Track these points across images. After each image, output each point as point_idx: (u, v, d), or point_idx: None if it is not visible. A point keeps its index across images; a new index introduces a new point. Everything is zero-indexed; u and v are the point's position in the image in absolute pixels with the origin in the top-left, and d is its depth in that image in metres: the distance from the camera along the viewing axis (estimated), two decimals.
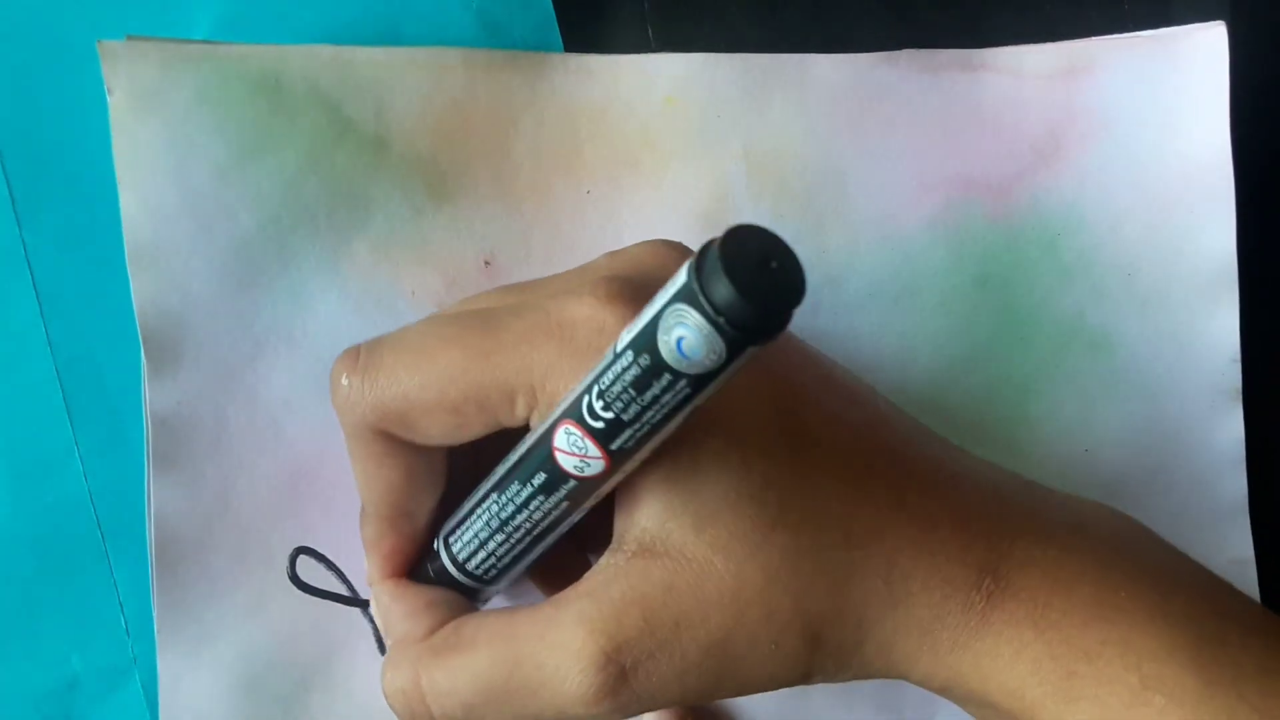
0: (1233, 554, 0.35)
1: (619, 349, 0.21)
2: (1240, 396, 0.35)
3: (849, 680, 0.26)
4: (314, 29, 0.33)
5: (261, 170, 0.32)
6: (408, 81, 0.32)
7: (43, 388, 0.32)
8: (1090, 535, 0.27)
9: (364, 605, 0.33)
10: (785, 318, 0.20)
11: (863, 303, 0.34)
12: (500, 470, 0.26)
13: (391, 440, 0.27)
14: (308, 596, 0.32)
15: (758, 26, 0.34)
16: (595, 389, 0.22)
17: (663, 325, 0.20)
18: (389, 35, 0.33)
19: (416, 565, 0.29)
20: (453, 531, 0.28)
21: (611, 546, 0.25)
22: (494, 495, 0.26)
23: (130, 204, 0.31)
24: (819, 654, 0.25)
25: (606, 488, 0.24)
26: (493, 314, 0.26)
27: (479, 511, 0.26)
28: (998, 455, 0.31)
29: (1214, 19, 0.34)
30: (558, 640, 0.24)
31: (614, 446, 0.23)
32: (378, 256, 0.32)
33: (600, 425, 0.22)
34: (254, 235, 0.32)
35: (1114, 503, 0.29)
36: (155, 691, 0.32)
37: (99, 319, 0.32)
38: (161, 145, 0.31)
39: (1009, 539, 0.26)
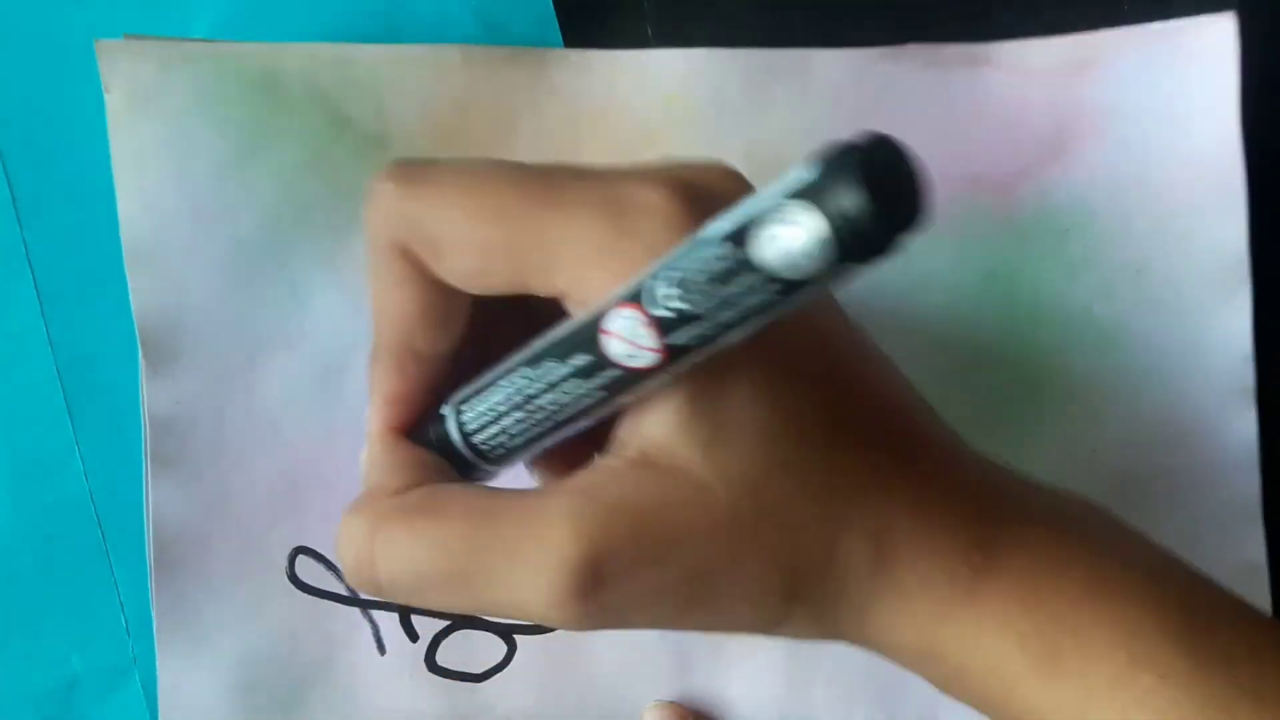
0: (1245, 557, 0.34)
1: (706, 236, 0.20)
2: (1253, 395, 0.34)
3: (817, 639, 0.26)
4: (313, 27, 0.33)
5: (260, 169, 0.32)
6: (407, 79, 0.32)
7: (43, 388, 0.32)
8: (1083, 524, 0.26)
9: (364, 605, 0.33)
10: (903, 242, 0.19)
11: (867, 300, 0.34)
12: (537, 345, 0.24)
13: (413, 266, 0.25)
14: (307, 596, 0.32)
15: (759, 21, 0.34)
16: (668, 275, 0.21)
17: (767, 220, 0.19)
18: (388, 33, 0.33)
19: (417, 427, 0.27)
20: (468, 399, 0.26)
21: (612, 448, 0.24)
22: (524, 369, 0.24)
23: (128, 203, 0.31)
24: (795, 603, 0.24)
25: (646, 388, 0.23)
26: (559, 173, 0.24)
27: (502, 383, 0.25)
28: (1004, 454, 0.30)
29: (1220, 10, 0.33)
30: (538, 531, 0.23)
31: (675, 342, 0.21)
32: None
33: (664, 314, 0.21)
34: (253, 234, 0.32)
35: (1123, 504, 0.28)
36: (155, 691, 0.32)
37: (99, 319, 0.32)
38: (159, 144, 0.31)
39: (1002, 520, 0.25)
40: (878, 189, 0.18)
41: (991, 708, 0.26)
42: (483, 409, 0.25)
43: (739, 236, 0.20)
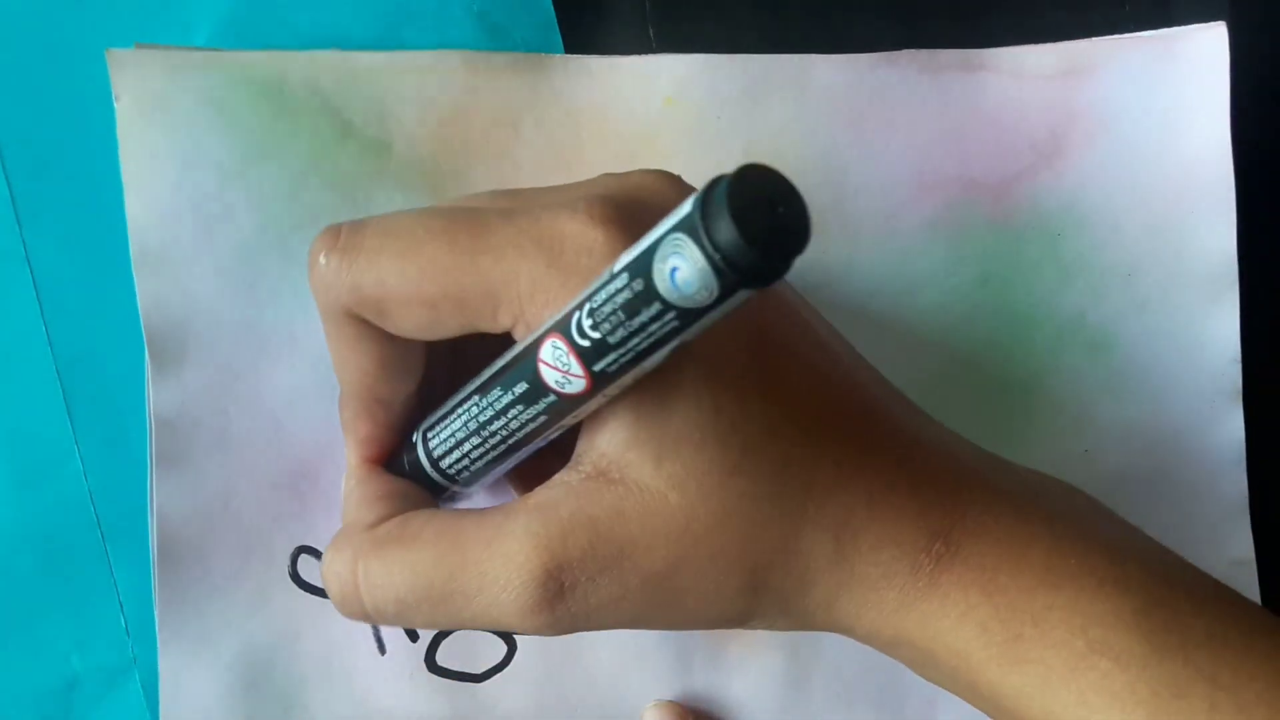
0: (1233, 555, 0.35)
1: (615, 270, 0.21)
2: (1240, 397, 0.35)
3: (791, 629, 0.27)
4: (315, 34, 0.33)
5: (265, 174, 0.32)
6: (409, 85, 0.32)
7: (43, 388, 0.32)
8: (1044, 504, 0.27)
9: None
10: (785, 265, 0.19)
11: (863, 302, 0.34)
12: (486, 374, 0.25)
13: (365, 325, 0.26)
14: (309, 595, 0.33)
15: (758, 27, 0.34)
16: (587, 307, 0.22)
17: (659, 254, 0.20)
18: (390, 39, 0.33)
19: (394, 456, 0.29)
20: (433, 427, 0.27)
21: (569, 464, 0.25)
22: (476, 397, 0.25)
23: (136, 208, 0.31)
24: (761, 599, 0.25)
25: (585, 409, 0.24)
26: (483, 215, 0.25)
27: (459, 411, 0.26)
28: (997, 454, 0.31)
29: (1215, 19, 0.34)
30: (502, 549, 0.24)
31: (596, 369, 0.22)
32: None
33: (586, 344, 0.22)
34: (257, 238, 0.32)
35: (1113, 503, 0.29)
36: (155, 691, 0.32)
37: (99, 320, 0.32)
38: (167, 150, 0.31)
39: (963, 505, 0.26)
40: (748, 219, 0.19)
41: (960, 689, 0.27)
42: (445, 435, 0.27)
43: (638, 269, 0.21)
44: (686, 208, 0.20)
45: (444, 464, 0.27)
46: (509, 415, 0.25)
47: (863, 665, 0.34)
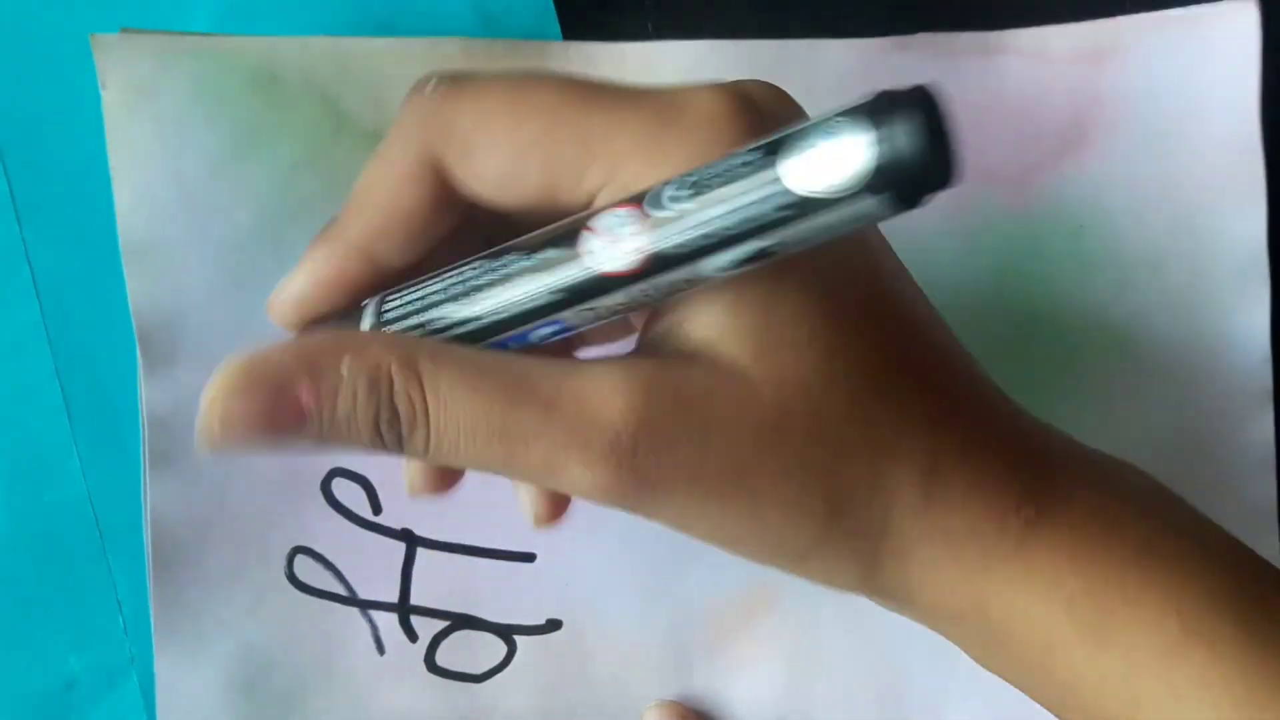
0: None
1: (743, 149, 0.19)
2: (1271, 398, 0.33)
3: (845, 583, 0.24)
4: (309, 20, 0.32)
5: (257, 164, 0.31)
6: (405, 73, 0.31)
7: (42, 387, 0.32)
8: (1131, 487, 0.25)
9: (364, 605, 0.33)
10: (929, 197, 0.19)
11: None
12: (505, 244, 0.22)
13: (429, 168, 0.23)
14: (306, 596, 0.32)
15: (761, 12, 0.33)
16: (685, 178, 0.20)
17: (815, 132, 0.19)
18: (385, 26, 0.32)
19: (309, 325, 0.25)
20: (396, 293, 0.24)
21: (652, 344, 0.23)
22: (479, 261, 0.22)
23: (125, 199, 0.31)
24: (834, 527, 0.23)
25: (602, 306, 0.21)
26: (611, 83, 0.23)
27: (446, 275, 0.23)
28: None
29: None
30: (577, 387, 0.22)
31: (658, 248, 0.20)
32: None
33: (663, 215, 0.20)
34: (250, 230, 0.31)
35: None
36: (153, 691, 0.32)
37: (98, 317, 0.32)
38: (156, 139, 0.31)
39: (1053, 472, 0.24)
40: (933, 138, 0.18)
41: (1032, 676, 0.25)
42: (413, 298, 0.23)
43: (774, 147, 0.19)
44: (868, 102, 0.19)
45: (394, 329, 0.24)
46: (513, 284, 0.22)
47: (863, 667, 0.33)
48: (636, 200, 0.20)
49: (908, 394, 0.24)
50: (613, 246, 0.20)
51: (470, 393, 0.22)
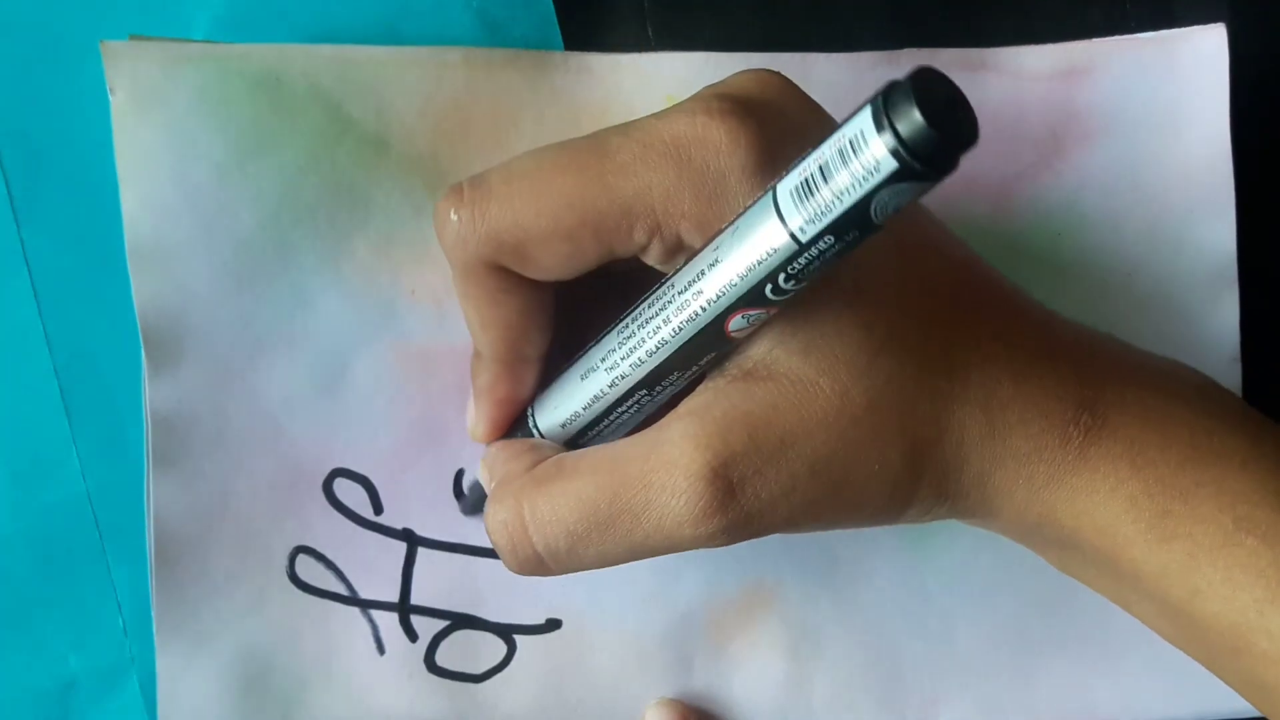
0: None
1: (812, 233, 0.21)
2: (1241, 395, 0.35)
3: (936, 519, 0.27)
4: (313, 28, 0.33)
5: (262, 169, 0.32)
6: (408, 80, 0.32)
7: (41, 387, 0.32)
8: (1180, 383, 0.27)
9: (364, 605, 0.33)
10: (961, 153, 0.20)
11: None
12: (645, 368, 0.25)
13: (505, 275, 0.26)
14: (307, 596, 0.32)
15: (758, 25, 0.34)
16: (785, 270, 0.22)
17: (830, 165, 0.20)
18: (389, 34, 0.33)
19: (516, 425, 0.29)
20: (547, 398, 0.28)
21: (708, 377, 0.25)
22: (641, 392, 0.26)
23: (131, 203, 0.31)
24: (920, 480, 0.25)
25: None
26: (601, 138, 0.25)
27: (588, 381, 0.26)
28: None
29: (1215, 20, 0.34)
30: (664, 458, 0.24)
31: (781, 299, 0.23)
32: (378, 255, 0.32)
33: (788, 296, 0.23)
34: (254, 234, 0.32)
35: None
36: (153, 692, 0.32)
37: (97, 318, 0.32)
38: (163, 144, 0.31)
39: (1104, 380, 0.26)
40: (932, 107, 0.19)
41: (1101, 574, 0.27)
42: (573, 405, 0.27)
43: (806, 187, 0.21)
44: (867, 119, 0.20)
45: (584, 432, 0.28)
46: (667, 382, 0.25)
47: (863, 666, 0.34)
48: (758, 304, 0.23)
49: (953, 336, 0.26)
50: (749, 327, 0.24)
51: (577, 503, 0.25)
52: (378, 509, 0.33)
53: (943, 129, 0.19)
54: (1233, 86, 0.34)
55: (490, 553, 0.33)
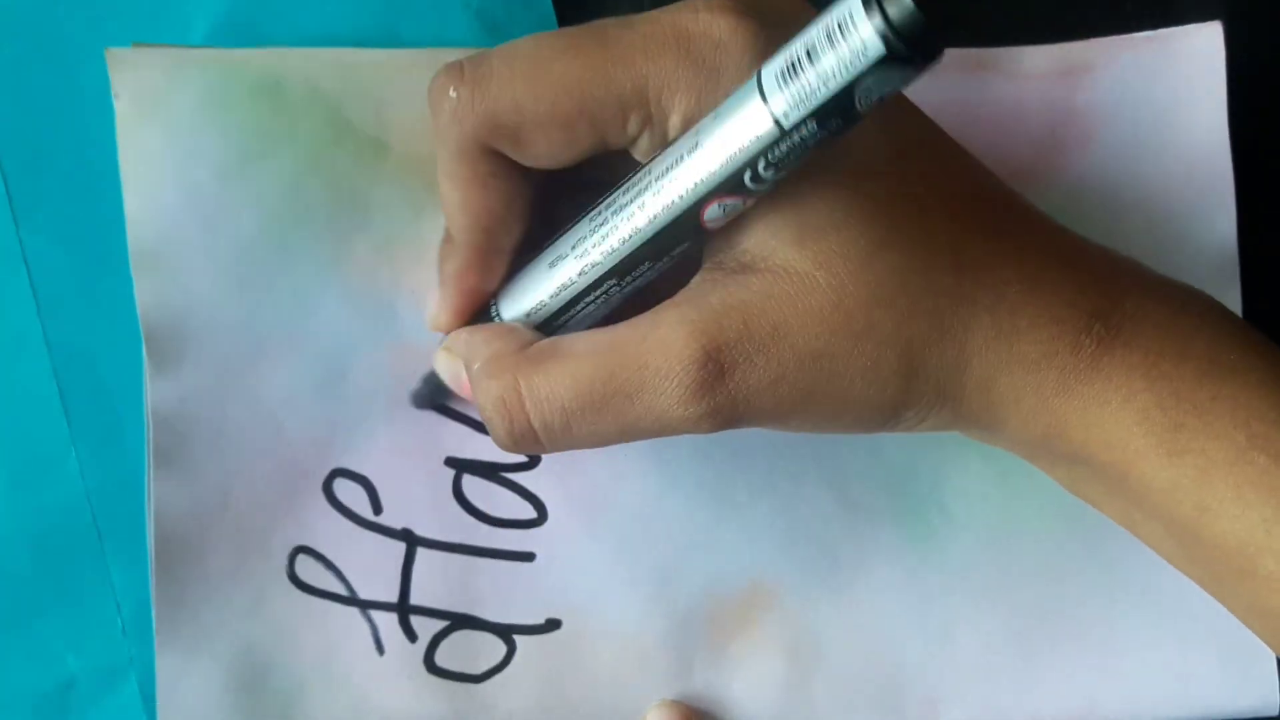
0: None
1: (795, 118, 0.21)
2: None
3: (944, 426, 0.26)
4: (313, 32, 0.33)
5: (263, 172, 0.32)
6: (408, 83, 0.32)
7: (40, 388, 0.32)
8: (1196, 302, 0.27)
9: (363, 605, 0.33)
10: (946, 42, 0.20)
11: None
12: (617, 255, 0.26)
13: (495, 159, 0.26)
14: (307, 596, 0.32)
15: None
16: (765, 157, 0.22)
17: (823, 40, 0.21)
18: (388, 37, 0.33)
19: (480, 315, 0.29)
20: (514, 286, 0.28)
21: (703, 270, 0.25)
22: (610, 282, 0.26)
23: (134, 206, 0.31)
24: (916, 382, 0.25)
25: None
26: (602, 27, 0.25)
27: (561, 262, 0.26)
28: (995, 457, 0.31)
29: (1212, 17, 0.34)
30: (658, 340, 0.25)
31: (759, 187, 0.23)
32: (378, 257, 0.32)
33: (765, 186, 0.23)
34: (256, 236, 0.32)
35: None
36: (152, 692, 0.32)
37: (96, 319, 0.32)
38: (166, 149, 0.31)
39: (1121, 290, 0.26)
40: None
41: (1110, 492, 0.27)
42: (541, 293, 0.27)
43: (791, 69, 0.21)
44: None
45: (548, 323, 0.28)
46: (639, 271, 0.25)
47: (864, 666, 0.34)
48: (734, 192, 0.23)
49: (960, 234, 0.25)
50: (724, 217, 0.24)
51: (574, 382, 0.25)
52: (377, 509, 0.33)
53: (929, 14, 0.19)
54: (1230, 83, 0.34)
55: (490, 553, 0.33)
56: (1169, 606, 0.34)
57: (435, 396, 0.32)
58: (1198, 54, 0.34)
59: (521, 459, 0.33)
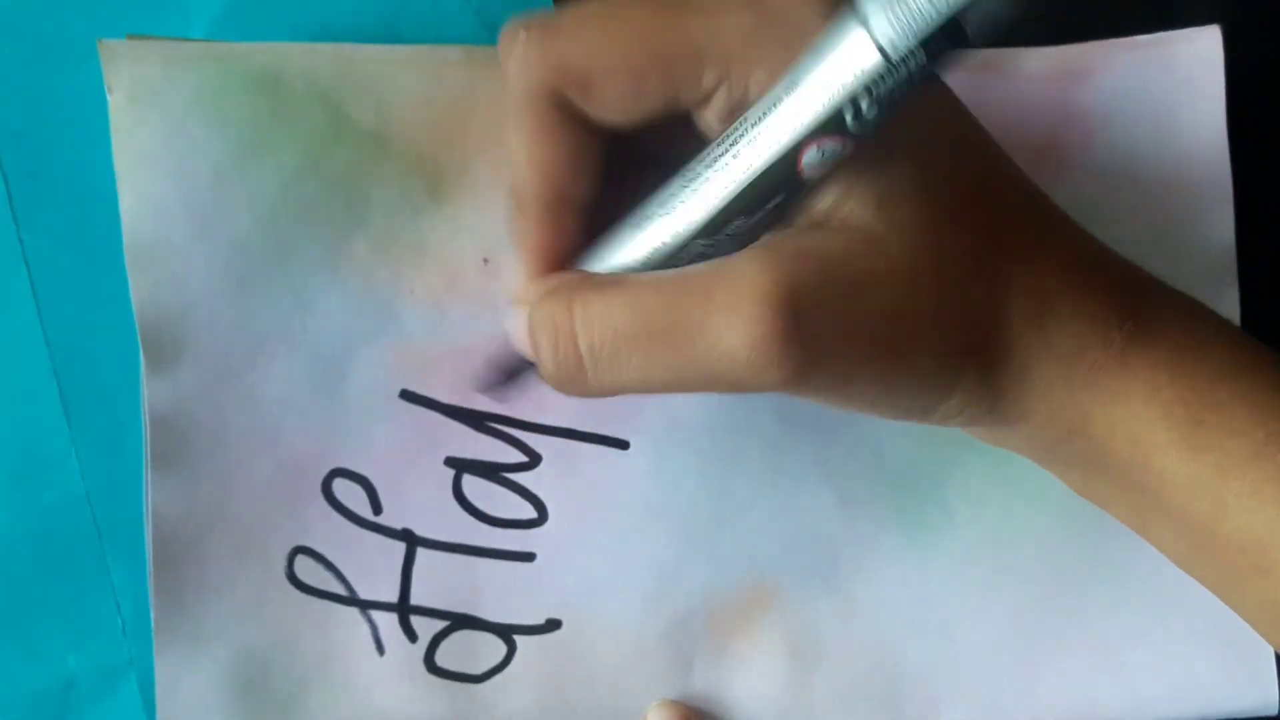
0: None
1: (904, 47, 0.21)
2: None
3: (968, 420, 0.26)
4: (312, 27, 0.33)
5: (261, 169, 0.32)
6: (407, 79, 0.32)
7: (40, 387, 0.32)
8: (1207, 310, 0.28)
9: (363, 605, 0.33)
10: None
11: None
12: (710, 211, 0.24)
13: (565, 111, 0.25)
14: (306, 596, 0.32)
15: None
16: (870, 91, 0.22)
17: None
18: (388, 33, 0.33)
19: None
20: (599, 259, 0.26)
21: (779, 226, 0.25)
22: (700, 240, 0.25)
23: (130, 202, 0.31)
24: (969, 360, 0.25)
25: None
26: None
27: (657, 242, 0.25)
28: (993, 457, 0.31)
29: (1211, 21, 0.34)
30: (732, 274, 0.23)
31: (863, 130, 0.22)
32: (377, 255, 0.32)
33: (866, 128, 0.22)
34: (253, 233, 0.32)
35: None
36: (152, 692, 0.32)
37: (96, 318, 0.32)
38: (161, 144, 0.31)
39: (1144, 293, 0.27)
40: None
41: (1125, 490, 0.27)
42: (621, 265, 0.26)
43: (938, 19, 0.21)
44: None
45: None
46: (732, 227, 0.24)
47: (864, 666, 0.34)
48: (834, 132, 0.22)
49: (1009, 226, 0.26)
50: (822, 163, 0.23)
51: (632, 307, 0.24)
52: (377, 509, 0.33)
53: None
54: (1229, 86, 0.34)
55: (490, 553, 0.33)
56: (1169, 606, 0.34)
57: (509, 377, 0.29)
58: (1197, 57, 0.34)
59: (521, 459, 0.33)
